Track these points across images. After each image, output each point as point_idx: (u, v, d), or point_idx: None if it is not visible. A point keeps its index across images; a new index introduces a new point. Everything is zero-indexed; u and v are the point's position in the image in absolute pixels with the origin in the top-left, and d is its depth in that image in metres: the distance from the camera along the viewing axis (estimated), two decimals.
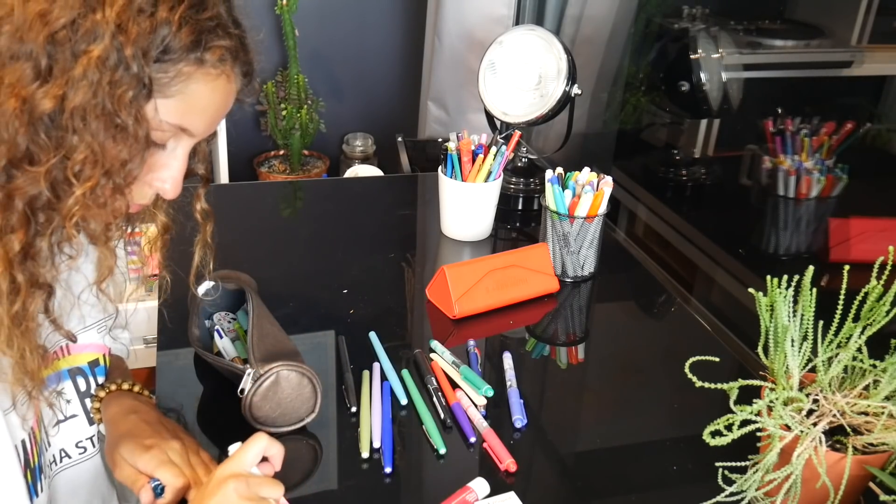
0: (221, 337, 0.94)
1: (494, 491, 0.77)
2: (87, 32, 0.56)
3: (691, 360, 0.73)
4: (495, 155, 1.24)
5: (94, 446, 0.84)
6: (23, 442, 0.71)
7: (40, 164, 0.58)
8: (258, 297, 0.94)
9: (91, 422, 0.83)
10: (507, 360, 0.99)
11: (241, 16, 0.67)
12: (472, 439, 0.85)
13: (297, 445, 0.84)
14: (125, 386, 0.85)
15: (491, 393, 0.91)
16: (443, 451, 0.83)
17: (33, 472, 0.73)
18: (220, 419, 0.87)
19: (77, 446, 0.82)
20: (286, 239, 1.32)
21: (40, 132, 0.57)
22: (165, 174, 0.67)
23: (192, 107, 0.63)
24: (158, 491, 0.72)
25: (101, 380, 0.84)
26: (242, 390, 0.81)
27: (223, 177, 2.46)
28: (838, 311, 0.72)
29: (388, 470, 0.80)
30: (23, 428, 0.71)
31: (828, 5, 1.35)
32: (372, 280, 1.18)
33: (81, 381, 0.80)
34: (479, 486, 0.77)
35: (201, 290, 0.96)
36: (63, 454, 0.81)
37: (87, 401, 0.82)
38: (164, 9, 0.59)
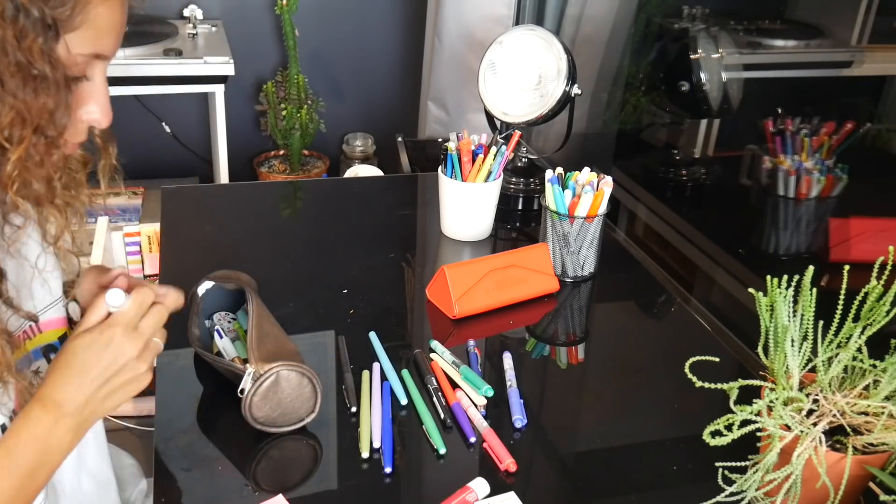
0: (221, 337, 0.94)
1: (494, 491, 0.77)
2: None
3: (691, 360, 0.73)
4: (495, 155, 1.24)
5: None
6: (3, 426, 0.70)
7: None
8: (258, 298, 0.94)
9: None
10: (507, 360, 0.99)
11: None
12: (472, 439, 0.85)
13: (297, 445, 0.84)
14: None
15: (491, 393, 0.91)
16: (443, 451, 0.83)
17: None
18: (220, 419, 0.87)
19: None
20: (286, 239, 1.32)
21: None
22: (92, 105, 0.66)
23: (99, 31, 0.62)
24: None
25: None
26: (242, 390, 0.81)
27: (223, 177, 2.46)
28: (838, 311, 0.72)
29: (388, 470, 0.80)
30: (1, 413, 0.70)
31: (828, 5, 1.35)
32: (372, 280, 1.18)
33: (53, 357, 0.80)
34: (479, 486, 0.77)
35: (201, 289, 0.96)
36: None
37: None
38: None
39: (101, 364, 0.69)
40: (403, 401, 0.91)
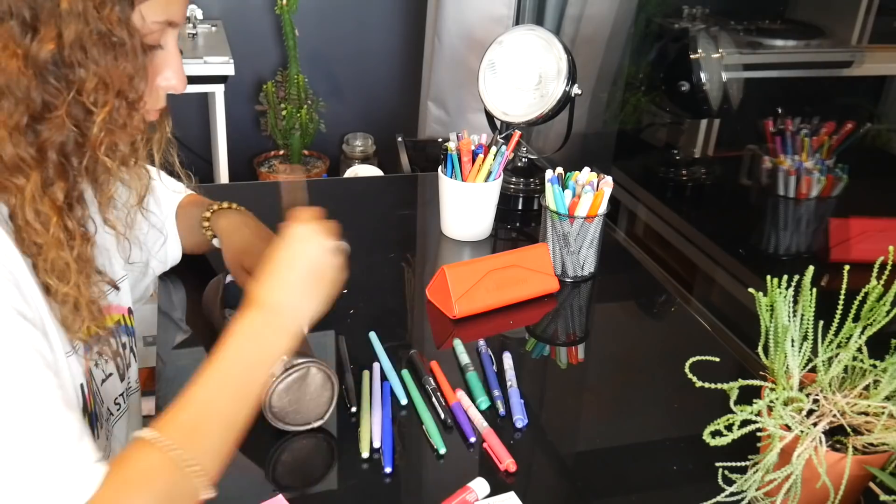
0: None
1: (494, 491, 0.77)
2: None
3: (691, 360, 0.73)
4: (495, 155, 1.24)
5: (124, 402, 0.85)
6: (81, 386, 0.72)
7: (58, 108, 0.61)
8: None
9: (122, 378, 0.84)
10: (507, 359, 0.99)
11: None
12: (472, 439, 0.85)
13: (297, 446, 0.84)
14: (224, 205, 1.01)
15: (486, 405, 0.90)
16: (443, 451, 0.83)
17: (90, 418, 0.74)
18: None
19: (115, 403, 0.84)
20: None
21: (49, 79, 0.60)
22: (168, 72, 0.70)
23: None
24: None
25: (124, 339, 0.85)
26: (272, 374, 0.81)
27: (223, 177, 2.46)
28: (838, 311, 0.72)
29: (388, 470, 0.80)
30: (82, 371, 0.72)
31: (828, 5, 1.35)
32: (372, 280, 1.18)
33: (112, 341, 0.82)
34: (479, 486, 0.77)
35: (228, 278, 0.97)
36: (108, 413, 0.83)
37: (119, 360, 0.84)
38: None
39: (303, 264, 0.74)
40: (403, 401, 0.91)
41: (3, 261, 0.61)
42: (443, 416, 0.88)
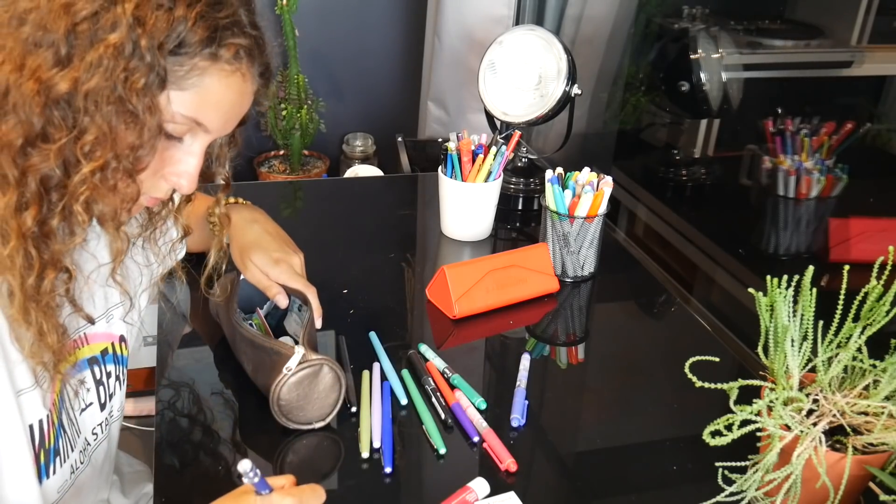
0: (291, 312, 0.97)
1: (494, 491, 0.77)
2: (106, 23, 0.60)
3: (691, 360, 0.73)
4: (495, 155, 1.24)
5: (103, 431, 0.85)
6: (40, 422, 0.71)
7: (53, 142, 0.61)
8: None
9: (102, 407, 0.83)
10: (525, 360, 0.99)
11: (260, 20, 0.70)
12: (476, 438, 0.85)
13: (297, 445, 0.84)
14: (232, 200, 1.02)
15: (484, 406, 0.90)
16: (443, 451, 0.83)
17: (47, 454, 0.73)
18: (220, 420, 0.87)
19: (92, 433, 0.83)
20: None
21: (55, 112, 0.61)
22: (181, 168, 0.70)
23: (206, 101, 0.66)
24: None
25: (109, 368, 0.85)
26: (289, 368, 0.81)
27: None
28: (838, 311, 0.72)
29: (388, 470, 0.80)
30: (44, 407, 0.72)
31: (828, 5, 1.35)
32: (372, 280, 1.18)
33: (97, 370, 0.82)
34: (479, 486, 0.77)
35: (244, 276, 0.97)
36: (85, 443, 0.82)
37: (101, 388, 0.83)
38: (182, 5, 0.62)
39: None
40: (403, 401, 0.91)
41: None
42: (443, 416, 0.88)
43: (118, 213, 0.69)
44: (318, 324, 0.95)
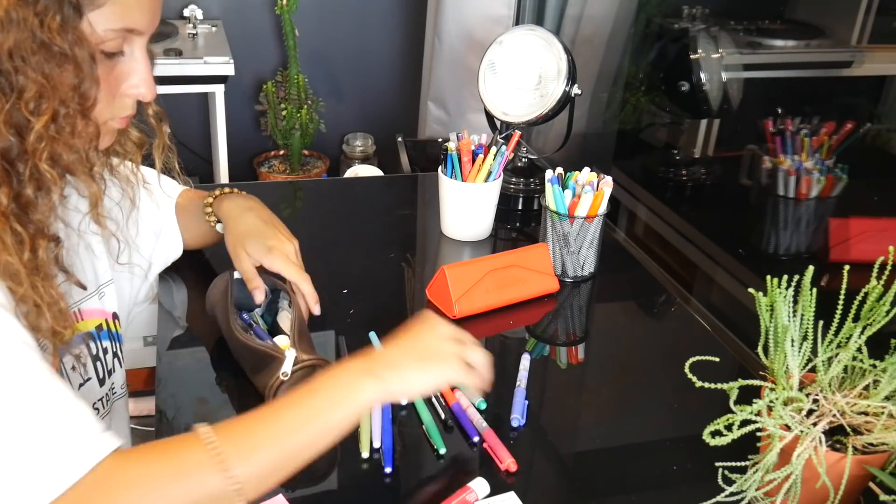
0: (281, 311, 0.97)
1: (494, 491, 0.77)
2: None
3: (691, 360, 0.73)
4: (495, 155, 1.24)
5: (104, 407, 0.85)
6: None
7: None
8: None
9: (101, 383, 0.83)
10: (525, 360, 0.99)
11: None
12: (476, 438, 0.85)
13: None
14: (227, 190, 1.00)
15: (484, 406, 0.90)
16: (443, 451, 0.83)
17: None
18: (220, 419, 0.87)
19: (93, 408, 0.83)
20: None
21: None
22: (135, 79, 0.69)
23: (127, 5, 0.65)
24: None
25: (105, 344, 0.84)
26: (285, 373, 0.81)
27: (223, 177, 2.46)
28: (838, 311, 0.72)
29: (388, 470, 0.80)
30: None
31: (828, 5, 1.35)
32: (372, 280, 1.18)
33: (92, 345, 0.82)
34: (479, 486, 0.77)
35: (237, 273, 0.97)
36: None
37: (98, 364, 0.83)
38: None
39: (424, 337, 0.75)
40: (403, 401, 0.90)
41: None
42: (443, 416, 0.88)
43: (86, 157, 0.68)
44: (316, 310, 0.94)
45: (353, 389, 0.68)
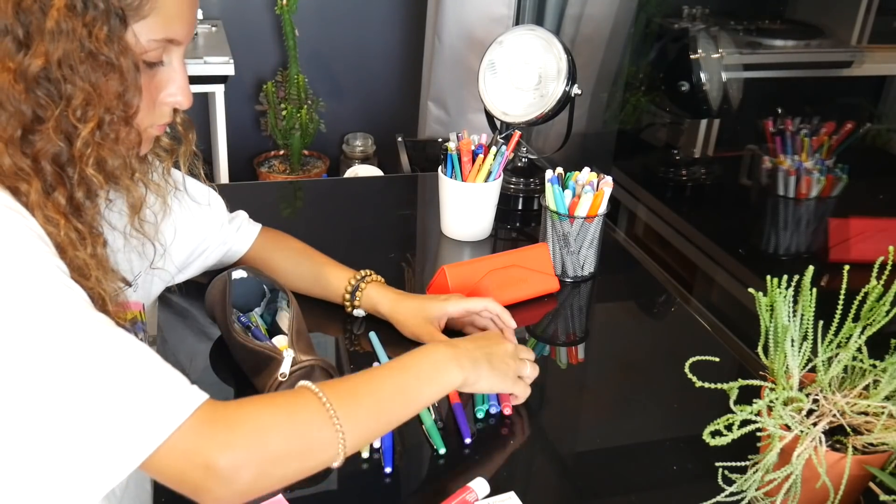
0: (280, 311, 0.97)
1: (494, 491, 0.77)
2: None
3: (691, 360, 0.73)
4: (495, 155, 1.24)
5: None
6: None
7: (47, 120, 0.63)
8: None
9: None
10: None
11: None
12: (468, 440, 0.85)
13: None
14: (362, 276, 1.03)
15: (482, 415, 0.90)
16: (443, 451, 0.83)
17: None
18: None
19: None
20: None
21: (38, 93, 0.62)
22: (173, 87, 0.72)
23: (169, 16, 0.67)
24: None
25: (140, 336, 0.86)
26: (283, 374, 0.81)
27: (223, 177, 2.46)
28: (838, 311, 0.72)
29: (388, 470, 0.80)
30: None
31: (828, 5, 1.35)
32: None
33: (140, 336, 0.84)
34: (479, 486, 0.77)
35: (235, 274, 0.96)
36: None
37: None
38: None
39: (496, 346, 0.84)
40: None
41: (46, 242, 0.63)
42: (443, 415, 0.88)
43: (128, 162, 0.71)
44: (512, 323, 0.99)
45: (441, 371, 0.76)
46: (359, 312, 1.03)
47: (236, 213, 1.07)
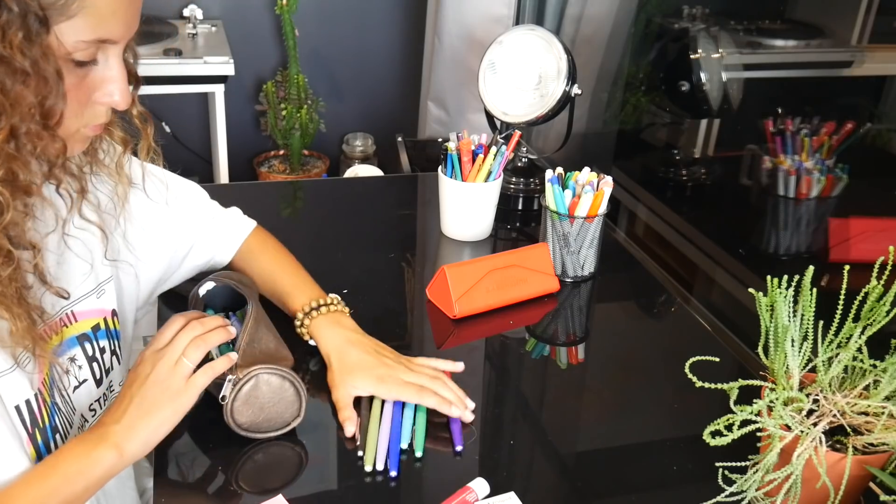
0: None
1: (494, 491, 0.77)
2: None
3: (691, 360, 0.73)
4: (495, 155, 1.24)
5: (101, 407, 0.84)
6: (27, 402, 0.71)
7: None
8: (258, 302, 0.93)
9: (98, 383, 0.83)
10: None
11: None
12: (459, 447, 0.84)
13: (297, 446, 0.84)
14: (315, 304, 0.95)
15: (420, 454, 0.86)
16: (419, 454, 0.82)
17: (44, 432, 0.73)
18: (220, 420, 0.87)
19: (89, 409, 0.83)
20: (286, 239, 1.31)
21: None
22: (109, 87, 0.67)
23: (101, 16, 0.62)
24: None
25: (102, 343, 0.83)
26: (223, 397, 0.80)
27: (223, 177, 2.46)
28: (838, 311, 0.72)
29: (393, 473, 0.80)
30: (31, 387, 0.71)
31: (828, 5, 1.35)
32: (372, 280, 1.18)
33: (88, 347, 0.81)
34: (479, 486, 0.77)
35: (202, 290, 0.95)
36: (82, 419, 0.82)
37: (95, 365, 0.82)
38: None
39: (136, 387, 0.75)
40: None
41: None
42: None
43: (53, 170, 0.67)
44: (467, 417, 0.87)
45: (90, 476, 0.71)
46: (312, 342, 0.96)
47: (229, 210, 1.04)
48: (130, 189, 0.84)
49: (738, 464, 0.73)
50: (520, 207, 1.45)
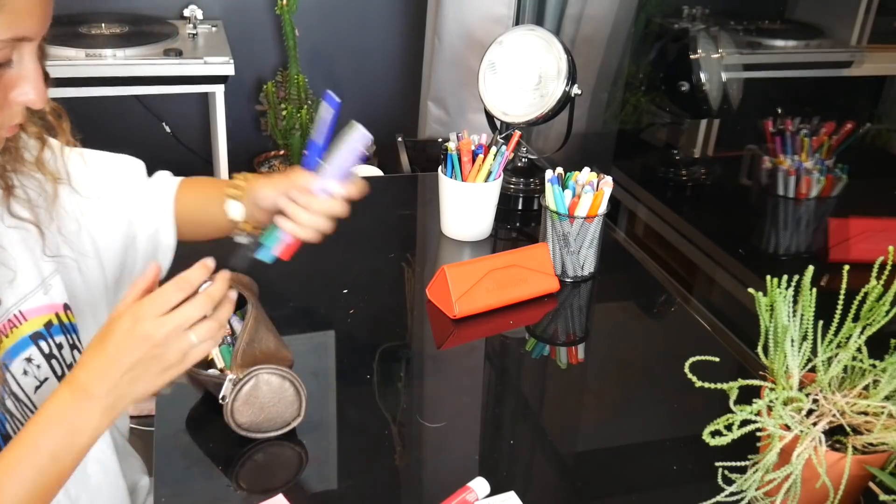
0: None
1: (494, 491, 0.78)
2: None
3: (691, 360, 0.73)
4: (495, 155, 1.24)
5: None
6: None
7: None
8: (258, 302, 0.93)
9: (60, 380, 0.81)
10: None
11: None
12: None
13: (297, 446, 0.84)
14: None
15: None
16: (268, 260, 0.82)
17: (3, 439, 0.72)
18: (220, 419, 0.87)
19: None
20: None
21: None
22: (25, 86, 0.66)
23: (16, 13, 0.61)
24: None
25: (59, 339, 0.81)
26: (224, 397, 0.80)
27: (223, 177, 2.46)
28: (838, 311, 0.72)
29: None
30: None
31: (828, 5, 1.35)
32: (372, 280, 1.18)
33: (44, 344, 0.79)
34: (479, 486, 0.77)
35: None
36: None
37: (54, 361, 0.80)
38: None
39: (129, 348, 0.67)
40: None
41: None
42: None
43: None
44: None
45: (77, 429, 0.67)
46: (233, 211, 0.94)
47: (154, 176, 0.99)
48: (59, 185, 0.82)
49: (738, 463, 0.73)
50: (520, 207, 1.45)
